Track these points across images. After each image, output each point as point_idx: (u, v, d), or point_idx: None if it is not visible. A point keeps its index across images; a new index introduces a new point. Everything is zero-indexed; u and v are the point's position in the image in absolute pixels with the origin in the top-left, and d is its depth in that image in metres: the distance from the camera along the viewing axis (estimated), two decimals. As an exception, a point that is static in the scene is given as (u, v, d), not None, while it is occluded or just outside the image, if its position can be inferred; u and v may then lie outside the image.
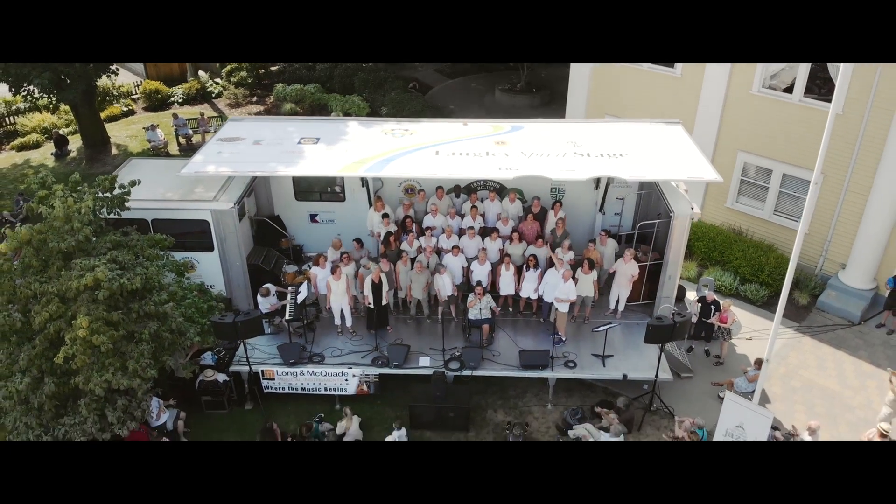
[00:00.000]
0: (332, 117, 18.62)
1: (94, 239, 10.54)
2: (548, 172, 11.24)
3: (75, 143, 22.11)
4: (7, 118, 23.37)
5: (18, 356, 10.05)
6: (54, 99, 19.81)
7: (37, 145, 22.47)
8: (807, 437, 10.38)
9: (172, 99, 25.27)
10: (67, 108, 22.62)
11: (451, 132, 12.85)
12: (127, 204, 11.11)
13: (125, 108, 24.71)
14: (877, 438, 10.37)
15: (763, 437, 9.72)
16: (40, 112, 23.67)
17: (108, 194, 10.95)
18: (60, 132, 22.09)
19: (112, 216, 11.02)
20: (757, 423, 9.71)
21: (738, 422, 9.86)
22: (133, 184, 11.14)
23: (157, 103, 25.05)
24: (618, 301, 12.73)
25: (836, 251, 14.66)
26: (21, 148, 22.27)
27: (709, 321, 12.56)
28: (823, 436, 11.12)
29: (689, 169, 11.55)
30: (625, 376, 11.61)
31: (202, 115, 21.94)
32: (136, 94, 25.76)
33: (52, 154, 21.55)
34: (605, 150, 11.93)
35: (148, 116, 24.09)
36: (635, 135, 12.76)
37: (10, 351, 10.24)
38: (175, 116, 21.73)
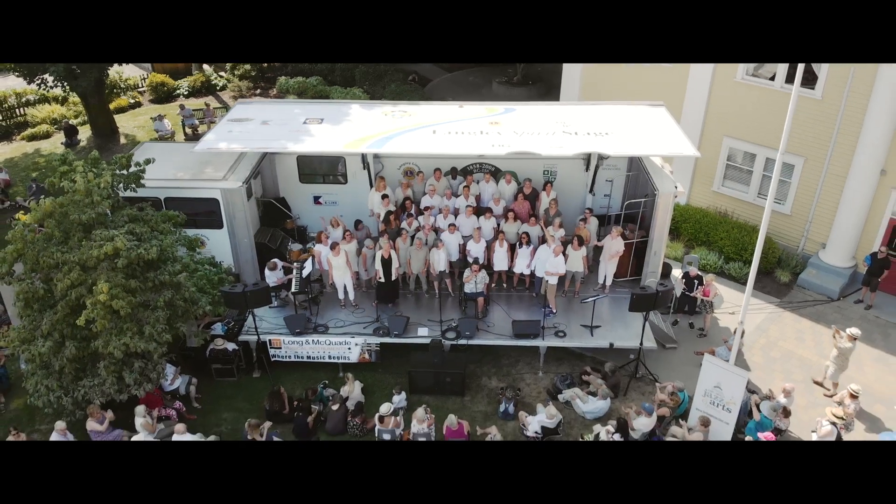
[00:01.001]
0: (334, 100, 19.27)
1: (110, 213, 11.19)
2: (537, 149, 11.93)
3: (84, 134, 22.77)
4: (18, 109, 24.02)
5: (41, 322, 10.72)
6: (67, 88, 20.47)
7: (47, 135, 23.11)
8: (782, 400, 11.05)
9: (178, 91, 25.92)
10: (76, 99, 23.34)
11: (447, 114, 13.54)
12: (142, 181, 11.75)
13: (132, 101, 25.39)
14: (848, 400, 11.03)
15: (739, 395, 10.41)
16: (49, 103, 24.39)
17: (125, 171, 11.61)
18: (70, 122, 22.75)
19: (129, 192, 11.66)
20: (733, 383, 10.40)
21: (716, 382, 10.55)
22: (148, 162, 11.80)
23: (163, 95, 25.72)
24: (605, 276, 13.38)
25: (816, 231, 15.33)
26: (31, 138, 22.93)
27: (692, 295, 13.24)
28: (799, 400, 11.82)
29: (668, 145, 12.25)
30: (611, 345, 12.28)
31: (207, 105, 22.61)
32: (143, 86, 26.43)
33: (62, 143, 22.19)
34: (591, 129, 12.63)
35: (154, 108, 24.76)
36: (620, 116, 13.46)
37: (33, 317, 10.91)
38: (182, 107, 22.40)
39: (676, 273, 14.25)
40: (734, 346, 10.68)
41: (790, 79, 14.70)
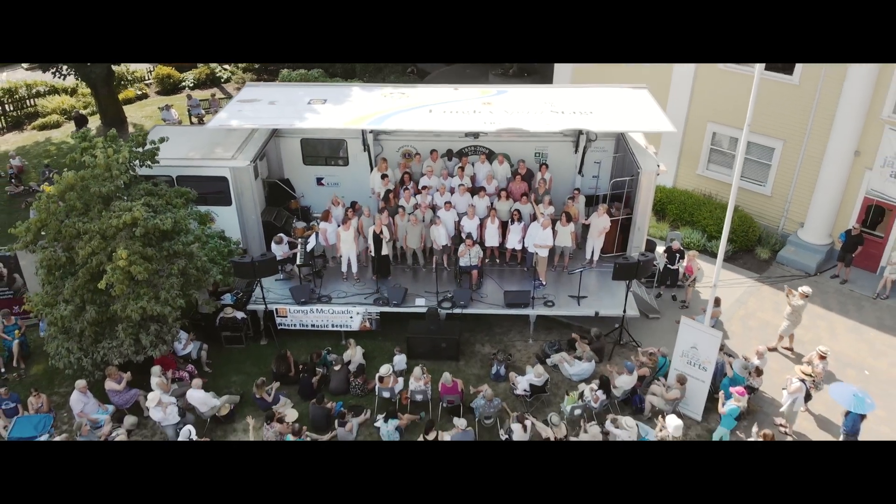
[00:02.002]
0: (336, 83, 20.02)
1: (124, 187, 11.92)
2: (526, 125, 12.73)
3: (94, 123, 23.51)
4: (28, 100, 24.81)
5: (62, 288, 11.49)
6: (78, 77, 21.28)
7: (57, 125, 23.92)
8: (756, 361, 11.82)
9: (183, 83, 26.71)
10: (86, 90, 24.12)
11: (442, 95, 14.32)
12: (156, 157, 12.49)
13: (139, 92, 26.20)
14: (817, 360, 11.80)
15: (713, 355, 11.16)
16: (59, 94, 25.19)
17: (140, 149, 12.37)
18: (80, 112, 23.53)
19: (144, 167, 12.40)
20: (708, 343, 11.15)
21: (693, 343, 11.31)
22: (162, 140, 12.55)
23: (169, 87, 26.52)
24: (593, 251, 14.15)
25: (795, 211, 16.11)
26: (42, 127, 23.74)
27: (674, 267, 14.03)
28: (773, 364, 12.61)
29: (648, 122, 13.09)
30: (597, 313, 13.06)
31: (213, 96, 23.41)
32: (150, 79, 27.22)
33: (72, 133, 22.94)
34: (576, 108, 13.42)
35: (161, 100, 25.55)
36: (605, 97, 14.24)
37: (55, 284, 11.68)
38: (189, 97, 23.18)
39: (660, 249, 15.03)
40: (708, 309, 11.45)
41: (770, 66, 15.49)
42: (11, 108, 24.44)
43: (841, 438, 10.79)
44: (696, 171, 17.44)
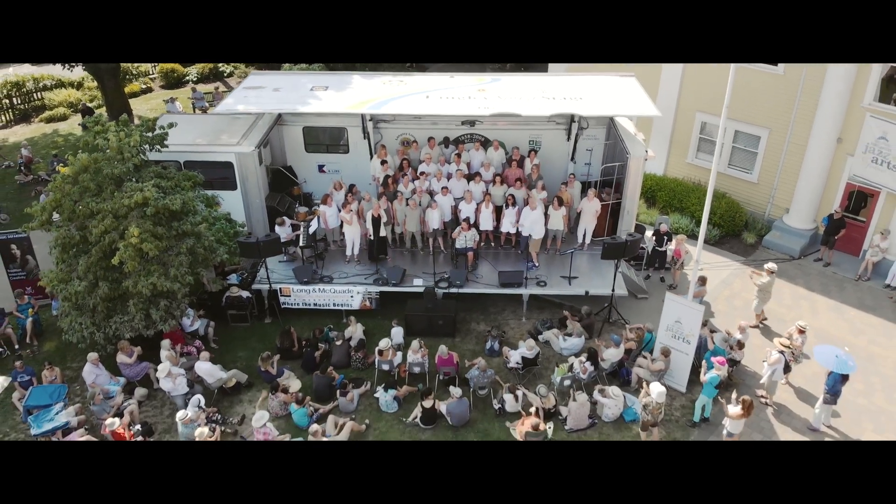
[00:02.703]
0: (338, 71, 20.61)
1: (134, 170, 12.45)
2: (517, 110, 13.30)
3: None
4: (36, 93, 25.38)
5: (76, 265, 12.04)
6: (86, 69, 21.94)
7: (64, 118, 24.49)
8: (738, 336, 12.37)
9: (187, 78, 27.27)
10: (92, 84, 24.67)
11: (439, 82, 14.92)
12: (165, 142, 13.04)
13: (144, 86, 26.76)
14: (796, 334, 12.34)
15: (696, 328, 11.71)
16: (66, 88, 25.76)
17: (150, 134, 12.92)
18: (87, 105, 24.09)
19: (154, 151, 12.94)
20: (691, 317, 11.71)
21: (677, 318, 11.86)
22: (171, 125, 13.10)
23: (173, 82, 27.09)
24: (584, 234, 14.70)
25: (781, 198, 16.66)
26: (49, 120, 24.31)
27: (661, 249, 14.59)
28: (755, 341, 13.17)
29: (633, 107, 13.68)
30: (587, 293, 13.61)
31: (216, 89, 24.00)
32: (154, 73, 27.77)
33: (79, 125, 23.50)
34: (567, 95, 14.00)
35: (165, 93, 26.09)
36: (594, 84, 14.82)
37: (69, 262, 12.23)
38: (193, 90, 23.75)
39: (648, 233, 15.58)
40: (691, 287, 12.01)
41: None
42: (19, 102, 25.03)
43: (820, 400, 11.32)
44: (686, 160, 17.99)
